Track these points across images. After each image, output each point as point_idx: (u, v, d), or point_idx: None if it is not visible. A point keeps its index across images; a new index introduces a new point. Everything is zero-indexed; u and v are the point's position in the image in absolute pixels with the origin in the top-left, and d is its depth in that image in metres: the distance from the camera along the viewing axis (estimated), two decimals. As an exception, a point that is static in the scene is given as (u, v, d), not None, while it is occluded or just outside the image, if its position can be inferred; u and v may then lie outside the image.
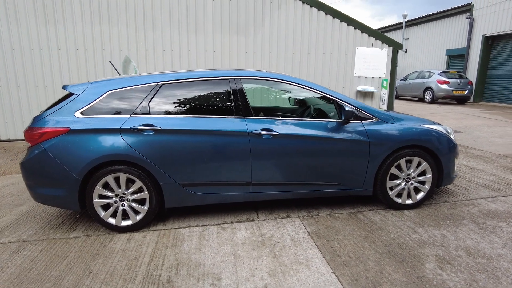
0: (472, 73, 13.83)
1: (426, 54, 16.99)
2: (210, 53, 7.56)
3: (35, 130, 2.75)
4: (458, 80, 12.42)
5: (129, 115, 2.81)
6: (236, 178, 2.94)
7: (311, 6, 7.77)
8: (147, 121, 2.80)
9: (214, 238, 2.75)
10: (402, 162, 3.11)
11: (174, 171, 2.85)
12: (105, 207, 2.88)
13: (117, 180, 2.81)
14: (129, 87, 2.88)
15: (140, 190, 2.86)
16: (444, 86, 12.24)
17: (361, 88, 8.28)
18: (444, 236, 2.71)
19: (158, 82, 2.92)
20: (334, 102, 3.07)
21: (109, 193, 2.82)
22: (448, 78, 12.41)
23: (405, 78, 15.35)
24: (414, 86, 14.48)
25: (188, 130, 2.82)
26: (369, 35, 8.19)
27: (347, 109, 2.92)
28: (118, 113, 2.82)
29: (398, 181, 3.17)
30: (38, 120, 2.80)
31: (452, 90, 12.24)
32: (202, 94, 2.99)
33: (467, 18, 13.74)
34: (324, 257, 2.44)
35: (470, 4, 13.51)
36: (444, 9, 15.10)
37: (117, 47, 7.01)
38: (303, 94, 3.48)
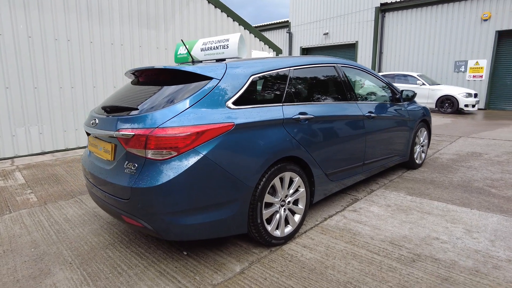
0: (294, 77, 17.53)
1: (255, 61, 19.84)
2: (117, 47, 6.30)
3: (179, 130, 1.87)
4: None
5: (280, 104, 2.40)
6: (357, 160, 3.08)
7: (215, 7, 7.88)
8: (301, 110, 2.49)
9: (365, 218, 2.81)
10: (419, 132, 4.18)
11: (324, 162, 2.67)
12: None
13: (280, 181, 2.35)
14: (270, 71, 2.44)
15: (297, 188, 2.50)
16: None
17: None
18: (464, 174, 3.96)
19: (290, 67, 2.61)
20: (391, 88, 3.73)
21: (275, 199, 2.31)
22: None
23: None
24: None
25: (331, 116, 2.72)
26: (260, 40, 9.15)
27: (409, 93, 3.67)
28: (268, 101, 2.35)
29: (416, 147, 4.21)
30: (168, 117, 1.91)
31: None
32: (321, 80, 2.91)
33: (287, 32, 17.34)
34: (447, 204, 3.10)
35: (287, 21, 17.13)
36: (269, 23, 18.33)
37: (-20, 29, 4.66)
38: (368, 82, 3.89)
